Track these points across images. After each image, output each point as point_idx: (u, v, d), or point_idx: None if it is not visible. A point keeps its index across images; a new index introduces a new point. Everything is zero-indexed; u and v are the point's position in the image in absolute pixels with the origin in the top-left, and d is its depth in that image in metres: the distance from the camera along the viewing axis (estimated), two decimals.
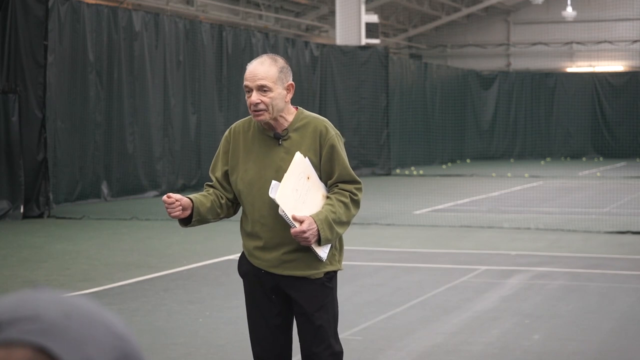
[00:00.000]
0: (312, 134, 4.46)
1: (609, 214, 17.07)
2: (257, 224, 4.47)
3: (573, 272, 10.73)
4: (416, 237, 14.03)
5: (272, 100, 4.38)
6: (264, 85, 4.38)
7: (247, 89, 4.42)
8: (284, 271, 4.45)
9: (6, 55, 17.00)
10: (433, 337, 7.59)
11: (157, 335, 7.59)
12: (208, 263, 11.33)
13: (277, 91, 4.40)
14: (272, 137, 4.49)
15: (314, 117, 4.55)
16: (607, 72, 38.97)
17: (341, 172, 4.48)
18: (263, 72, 4.40)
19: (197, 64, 22.05)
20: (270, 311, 4.50)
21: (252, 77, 4.41)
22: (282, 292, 4.49)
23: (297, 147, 4.44)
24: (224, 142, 4.60)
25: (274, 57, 4.51)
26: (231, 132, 4.59)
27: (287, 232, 4.39)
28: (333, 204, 4.43)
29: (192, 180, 21.90)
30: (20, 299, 1.00)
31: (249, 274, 4.55)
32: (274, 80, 4.40)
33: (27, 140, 16.86)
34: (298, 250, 4.42)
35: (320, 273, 4.46)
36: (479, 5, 40.35)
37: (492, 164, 34.24)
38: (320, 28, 37.37)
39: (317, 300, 4.46)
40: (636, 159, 35.39)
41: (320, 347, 4.46)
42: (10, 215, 16.26)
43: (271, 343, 4.52)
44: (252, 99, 4.39)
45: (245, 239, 4.57)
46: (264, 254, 4.47)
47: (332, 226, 4.38)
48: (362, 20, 27.97)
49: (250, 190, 4.47)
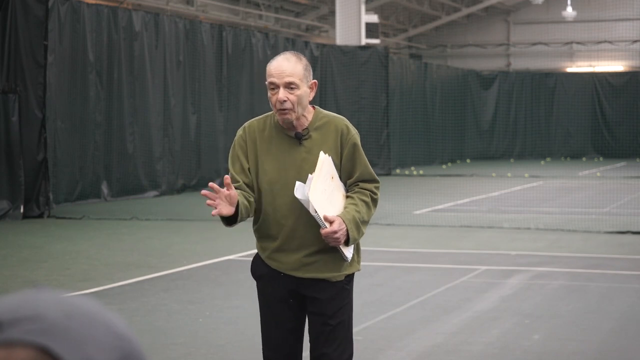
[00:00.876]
0: (333, 133, 4.37)
1: (609, 214, 17.07)
2: (275, 225, 4.36)
3: (573, 272, 10.73)
4: (416, 237, 14.03)
5: (298, 98, 4.26)
6: (292, 83, 4.24)
7: (272, 86, 4.26)
8: (305, 274, 4.35)
9: (6, 55, 17.00)
10: (433, 337, 7.59)
11: (157, 335, 7.59)
12: (208, 263, 11.33)
13: (303, 89, 4.28)
14: (292, 137, 4.37)
15: (333, 115, 4.45)
16: (607, 72, 38.97)
17: (362, 172, 4.41)
18: (290, 68, 4.26)
19: (197, 64, 22.05)
20: (286, 314, 4.40)
21: (279, 73, 4.25)
22: (299, 294, 4.40)
23: (318, 147, 4.33)
24: (239, 142, 4.43)
25: (298, 54, 4.37)
26: (246, 131, 4.43)
27: (308, 233, 4.31)
28: (357, 203, 4.35)
29: (192, 180, 21.90)
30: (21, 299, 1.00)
31: (265, 277, 4.43)
32: (300, 77, 4.27)
33: (27, 140, 16.86)
34: (319, 252, 4.34)
35: (341, 275, 4.39)
36: (479, 5, 40.35)
37: (492, 164, 34.23)
38: (320, 28, 37.37)
39: (336, 302, 4.39)
40: (636, 159, 35.39)
41: (331, 347, 4.38)
42: (10, 215, 16.26)
43: (284, 346, 4.43)
44: (280, 96, 4.23)
45: (262, 240, 4.44)
46: (284, 257, 4.36)
47: (358, 226, 4.32)
48: (362, 20, 27.97)
49: (270, 191, 4.35)
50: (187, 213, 17.03)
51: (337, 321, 4.38)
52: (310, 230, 4.31)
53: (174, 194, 21.05)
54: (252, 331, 7.43)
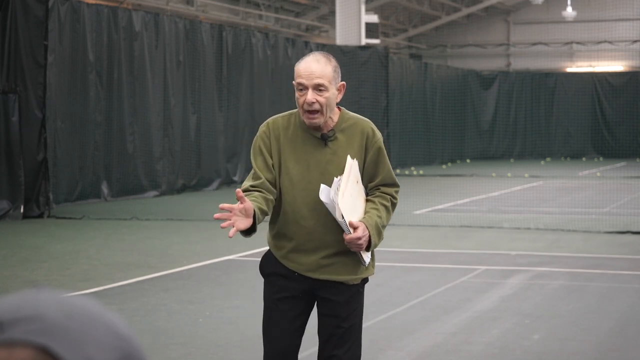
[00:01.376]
0: (359, 136, 4.31)
1: (609, 214, 17.07)
2: (293, 224, 4.30)
3: (573, 272, 10.73)
4: (416, 237, 14.03)
5: (327, 100, 4.19)
6: (321, 85, 4.17)
7: (300, 87, 4.18)
8: (321, 275, 4.31)
9: (6, 55, 17.00)
10: (433, 337, 7.59)
11: (157, 335, 7.59)
12: (208, 263, 11.33)
13: (331, 91, 4.21)
14: (317, 137, 4.30)
15: (359, 118, 4.39)
16: (607, 72, 38.97)
17: (385, 176, 4.37)
18: (320, 70, 4.18)
19: (197, 64, 22.05)
20: (294, 313, 4.35)
21: (308, 74, 4.17)
22: (311, 294, 4.37)
23: (343, 149, 4.28)
24: (263, 137, 4.32)
25: (328, 55, 4.30)
26: (270, 128, 4.33)
27: (326, 235, 4.27)
28: (378, 208, 4.31)
29: (192, 180, 21.90)
30: (21, 299, 1.00)
31: (275, 275, 4.37)
32: (329, 79, 4.20)
33: (27, 140, 16.86)
34: (336, 254, 4.30)
35: (358, 279, 4.37)
36: (479, 5, 40.35)
37: (492, 164, 34.23)
38: (320, 28, 37.37)
39: (351, 305, 4.36)
40: (636, 159, 35.39)
41: (342, 350, 4.36)
42: (10, 215, 16.26)
43: (287, 344, 4.39)
44: (309, 98, 4.16)
45: (278, 239, 4.38)
46: (301, 257, 4.31)
47: (380, 231, 4.29)
48: (362, 20, 27.97)
49: (292, 190, 4.28)
50: (187, 213, 17.03)
51: (349, 324, 4.36)
52: (329, 232, 4.28)
53: (174, 194, 21.05)
54: (252, 331, 7.44)
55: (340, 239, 4.28)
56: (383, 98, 28.32)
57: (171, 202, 19.58)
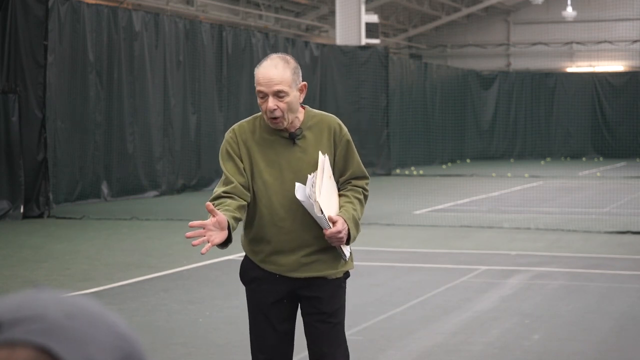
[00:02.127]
0: (326, 132, 4.35)
1: (609, 214, 17.07)
2: (271, 226, 4.28)
3: (573, 272, 10.73)
4: (416, 237, 14.03)
5: (288, 105, 4.21)
6: (281, 91, 4.18)
7: (261, 94, 4.20)
8: (303, 273, 4.32)
9: (6, 55, 17.00)
10: (433, 337, 7.59)
11: (157, 335, 7.59)
12: (208, 263, 11.33)
13: (292, 94, 4.22)
14: (286, 138, 4.32)
15: (324, 114, 4.43)
16: (607, 72, 38.98)
17: (355, 169, 4.41)
18: (278, 76, 4.18)
19: (197, 64, 22.05)
20: (279, 317, 4.35)
21: (267, 82, 4.19)
22: (294, 295, 4.37)
23: (313, 146, 4.31)
24: (230, 143, 4.32)
25: (285, 57, 4.30)
26: (236, 134, 4.34)
27: (305, 233, 4.28)
28: (353, 202, 4.35)
29: (192, 180, 21.90)
30: (22, 299, 1.00)
31: (257, 280, 4.36)
32: (289, 84, 4.20)
33: (27, 140, 16.86)
34: (317, 251, 4.32)
35: (339, 272, 4.40)
36: (479, 5, 40.35)
37: (492, 164, 34.23)
38: (320, 28, 37.37)
39: (335, 300, 4.38)
40: (636, 159, 35.38)
41: (333, 347, 4.37)
42: (10, 215, 16.26)
43: (277, 349, 4.39)
44: (270, 106, 4.17)
45: (254, 244, 4.36)
46: (281, 258, 4.31)
47: (357, 224, 4.33)
48: (362, 20, 27.97)
49: (266, 192, 4.28)
50: (187, 213, 17.02)
51: (337, 320, 4.38)
52: (307, 230, 4.29)
53: (174, 194, 21.05)
54: None
55: (319, 236, 4.29)
56: (383, 98, 28.31)
57: (171, 202, 19.58)
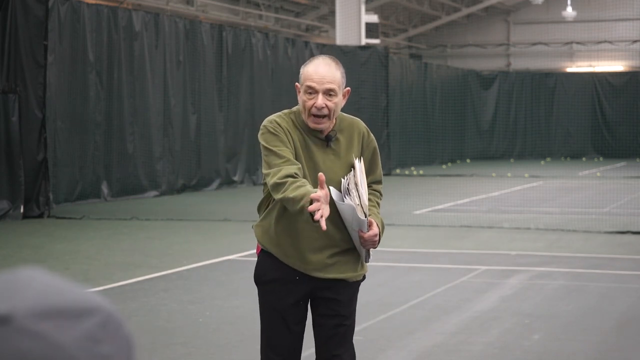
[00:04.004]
0: (357, 137, 4.34)
1: (609, 214, 17.07)
2: (303, 222, 4.17)
3: (573, 272, 10.72)
4: (416, 237, 14.03)
5: (335, 105, 4.19)
6: (332, 90, 4.15)
7: (310, 90, 4.14)
8: (326, 274, 4.28)
9: (6, 55, 17.00)
10: (433, 337, 7.59)
11: (157, 335, 7.59)
12: (208, 263, 11.33)
13: (339, 96, 4.22)
14: (320, 139, 4.27)
15: (353, 118, 4.44)
16: (607, 72, 38.97)
17: (376, 174, 4.46)
18: (331, 75, 4.16)
19: (197, 64, 22.05)
20: (295, 318, 4.33)
21: (320, 78, 4.14)
22: (310, 296, 4.35)
23: (345, 150, 4.29)
24: (277, 129, 4.18)
25: (336, 60, 4.28)
26: (279, 122, 4.22)
27: (335, 234, 4.24)
28: (376, 206, 4.40)
29: (192, 180, 21.90)
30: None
31: (276, 282, 4.30)
32: (339, 84, 4.19)
33: (27, 140, 16.86)
34: (339, 252, 4.30)
35: (359, 275, 4.38)
36: (479, 5, 40.34)
37: (492, 164, 34.23)
38: (320, 28, 37.36)
39: (352, 303, 4.38)
40: (636, 159, 35.38)
41: (342, 349, 4.36)
42: (10, 215, 16.26)
43: (291, 350, 4.37)
44: (319, 103, 4.13)
45: (281, 236, 4.26)
46: (308, 255, 4.25)
47: (383, 228, 4.35)
48: (362, 20, 27.97)
49: None
50: (187, 213, 17.03)
51: (350, 322, 4.39)
52: (337, 231, 4.27)
53: (174, 194, 21.05)
54: (252, 331, 7.43)
55: (345, 238, 4.29)
56: (383, 98, 28.31)
57: (171, 202, 19.58)
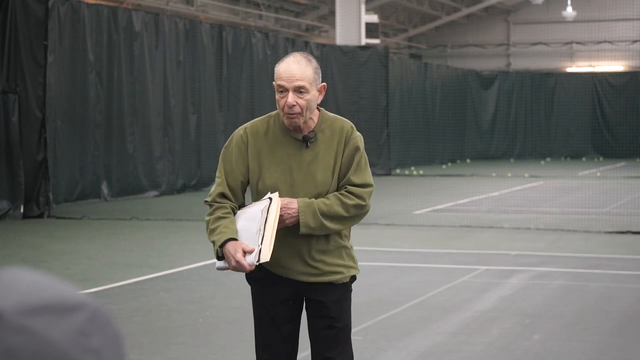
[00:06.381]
0: (338, 134, 4.29)
1: (609, 214, 17.07)
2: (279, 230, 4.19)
3: (573, 272, 10.73)
4: (416, 237, 14.03)
5: (307, 102, 4.18)
6: (302, 87, 4.15)
7: (280, 89, 4.17)
8: (310, 278, 4.28)
9: (6, 55, 17.00)
10: (433, 337, 7.59)
11: (157, 335, 7.59)
12: (208, 263, 11.33)
13: (312, 93, 4.20)
14: (298, 139, 4.28)
15: (338, 118, 4.38)
16: (607, 72, 38.97)
17: (357, 178, 4.28)
18: (300, 72, 4.17)
19: (197, 64, 22.05)
20: (284, 317, 4.34)
21: (288, 77, 4.16)
22: (300, 296, 4.35)
23: (324, 150, 4.26)
24: (239, 143, 4.29)
25: (308, 56, 4.28)
26: (247, 133, 4.29)
27: (313, 237, 4.24)
28: (328, 197, 4.24)
29: (192, 180, 21.90)
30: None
31: (262, 281, 4.34)
32: (310, 81, 4.18)
33: (27, 140, 16.86)
34: (324, 255, 4.29)
35: (346, 277, 4.35)
36: (479, 5, 40.34)
37: (492, 164, 34.23)
38: (320, 28, 37.36)
39: (341, 304, 4.36)
40: (636, 159, 35.37)
41: (336, 351, 4.35)
42: (10, 215, 16.26)
43: (281, 350, 4.37)
44: (289, 101, 4.14)
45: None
46: (288, 261, 4.27)
47: (316, 214, 4.18)
48: (362, 20, 27.96)
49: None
50: (187, 213, 17.03)
51: (342, 324, 4.36)
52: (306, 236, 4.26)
53: (174, 194, 21.05)
54: (252, 331, 7.39)
55: (327, 239, 4.28)
56: (383, 98, 28.31)
57: (171, 202, 19.58)
